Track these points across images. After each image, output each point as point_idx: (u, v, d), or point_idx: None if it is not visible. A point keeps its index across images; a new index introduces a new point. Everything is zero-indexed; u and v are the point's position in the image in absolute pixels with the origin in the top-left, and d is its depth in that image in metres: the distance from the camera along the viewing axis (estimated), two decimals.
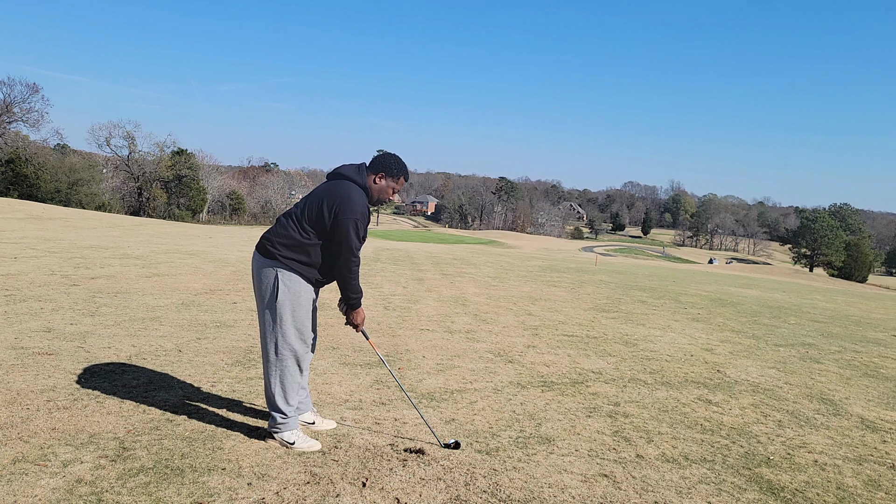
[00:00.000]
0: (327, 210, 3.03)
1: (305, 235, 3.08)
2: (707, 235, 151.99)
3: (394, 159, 3.26)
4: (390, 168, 3.24)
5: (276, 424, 3.14)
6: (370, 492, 2.72)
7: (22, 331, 5.04)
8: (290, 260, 3.08)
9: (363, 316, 3.32)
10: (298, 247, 3.08)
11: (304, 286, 3.12)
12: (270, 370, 3.15)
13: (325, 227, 3.05)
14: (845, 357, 6.71)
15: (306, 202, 3.13)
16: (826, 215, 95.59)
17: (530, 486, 2.90)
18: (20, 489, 2.50)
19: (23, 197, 44.08)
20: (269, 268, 3.08)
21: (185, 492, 2.59)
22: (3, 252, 10.37)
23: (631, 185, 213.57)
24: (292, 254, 3.08)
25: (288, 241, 3.08)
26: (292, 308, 3.10)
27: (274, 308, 3.08)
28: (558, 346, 6.10)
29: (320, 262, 3.13)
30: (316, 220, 3.06)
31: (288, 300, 3.09)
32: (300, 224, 3.08)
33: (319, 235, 3.08)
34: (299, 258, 3.09)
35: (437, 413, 3.82)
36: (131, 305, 6.49)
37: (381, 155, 3.27)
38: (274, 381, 3.14)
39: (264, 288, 3.10)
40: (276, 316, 3.09)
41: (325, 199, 3.06)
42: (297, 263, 3.09)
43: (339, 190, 3.08)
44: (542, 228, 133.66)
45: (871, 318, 11.17)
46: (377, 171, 3.23)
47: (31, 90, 51.97)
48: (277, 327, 3.10)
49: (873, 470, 3.45)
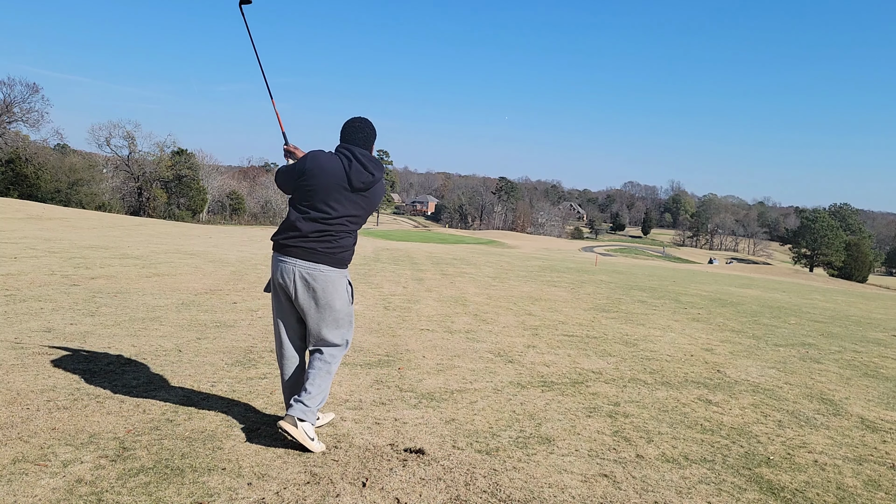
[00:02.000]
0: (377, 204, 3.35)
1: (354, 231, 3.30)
2: (707, 235, 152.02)
3: (370, 126, 3.32)
4: (375, 134, 3.38)
5: (309, 413, 3.09)
6: (370, 492, 2.72)
7: (22, 331, 5.04)
8: (349, 257, 3.29)
9: None
10: (354, 244, 3.32)
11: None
12: (337, 365, 3.27)
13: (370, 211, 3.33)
14: (845, 357, 6.71)
15: (362, 202, 3.23)
16: (826, 215, 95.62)
17: (530, 486, 2.90)
18: (20, 489, 2.50)
19: (23, 197, 44.09)
20: (341, 277, 3.22)
21: (185, 492, 2.59)
22: (3, 252, 10.37)
23: (631, 185, 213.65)
24: (351, 252, 3.31)
25: (350, 243, 3.26)
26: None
27: (346, 310, 3.25)
28: (558, 346, 6.11)
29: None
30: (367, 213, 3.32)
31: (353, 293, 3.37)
32: (357, 225, 3.28)
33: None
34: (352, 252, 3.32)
35: (437, 413, 3.82)
36: (131, 305, 6.49)
37: (362, 127, 3.29)
38: (330, 377, 3.24)
39: (332, 295, 3.18)
40: (349, 316, 3.29)
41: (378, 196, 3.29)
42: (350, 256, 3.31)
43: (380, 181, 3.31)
44: (542, 228, 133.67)
45: (871, 318, 11.17)
46: (375, 140, 3.39)
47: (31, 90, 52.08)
48: (350, 325, 3.30)
49: (873, 470, 3.45)
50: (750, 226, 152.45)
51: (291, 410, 3.05)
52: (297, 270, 3.11)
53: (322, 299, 3.15)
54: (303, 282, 3.12)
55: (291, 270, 3.12)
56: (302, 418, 3.03)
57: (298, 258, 3.11)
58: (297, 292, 3.13)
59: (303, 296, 3.13)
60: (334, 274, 3.15)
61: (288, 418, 3.02)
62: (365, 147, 3.25)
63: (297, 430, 3.00)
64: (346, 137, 3.25)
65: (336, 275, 3.16)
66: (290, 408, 3.07)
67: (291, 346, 3.31)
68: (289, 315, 3.25)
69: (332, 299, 3.16)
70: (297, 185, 3.15)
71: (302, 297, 3.14)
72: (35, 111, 51.88)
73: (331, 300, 3.16)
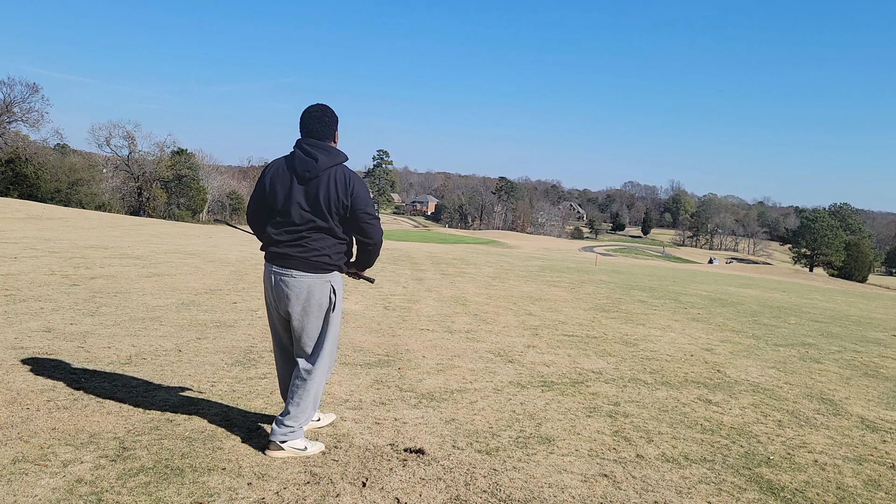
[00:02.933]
0: (344, 195, 2.97)
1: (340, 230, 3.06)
2: (707, 235, 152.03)
3: (328, 112, 3.08)
4: (337, 118, 3.14)
5: (294, 433, 3.03)
6: (370, 492, 2.72)
7: (22, 331, 5.04)
8: (339, 259, 3.08)
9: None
10: (341, 244, 3.08)
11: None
12: (318, 381, 3.10)
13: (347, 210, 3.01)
14: (845, 357, 6.71)
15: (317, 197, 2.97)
16: (826, 215, 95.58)
17: (530, 486, 2.90)
18: (20, 489, 2.50)
19: (23, 197, 44.08)
20: (321, 283, 3.03)
21: (185, 492, 2.59)
22: (3, 252, 10.37)
23: (631, 185, 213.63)
24: (338, 255, 3.08)
25: (328, 245, 3.04)
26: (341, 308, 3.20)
27: (331, 317, 3.10)
28: (558, 345, 6.11)
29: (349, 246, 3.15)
30: (338, 210, 2.99)
31: (341, 302, 3.17)
32: (328, 222, 3.02)
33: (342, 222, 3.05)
34: (345, 254, 3.12)
35: (437, 413, 3.82)
36: (131, 305, 6.50)
37: (320, 116, 3.04)
38: (317, 391, 3.12)
39: (316, 303, 3.03)
40: (334, 323, 3.13)
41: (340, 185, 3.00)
42: (342, 259, 3.11)
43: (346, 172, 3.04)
44: (542, 228, 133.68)
45: (871, 318, 11.17)
46: (336, 128, 3.14)
47: (31, 90, 51.96)
48: (335, 333, 3.15)
49: (873, 470, 3.45)
50: (750, 226, 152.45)
51: (273, 435, 3.02)
52: (274, 276, 3.03)
53: (298, 306, 3.01)
54: (279, 288, 3.02)
55: (270, 276, 3.05)
56: (284, 440, 3.01)
57: (275, 264, 3.03)
58: (277, 298, 3.05)
59: (282, 302, 3.03)
60: (310, 279, 2.99)
61: (272, 445, 3.01)
62: (325, 136, 3.04)
63: (284, 452, 3.01)
64: (303, 129, 3.05)
65: (313, 280, 2.99)
66: (272, 431, 3.04)
67: (282, 348, 3.27)
68: (277, 320, 3.19)
69: (309, 306, 3.02)
70: (262, 198, 3.06)
71: (281, 303, 3.04)
72: (35, 111, 51.87)
73: (307, 307, 3.02)
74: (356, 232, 3.06)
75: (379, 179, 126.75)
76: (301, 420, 3.04)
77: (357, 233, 3.06)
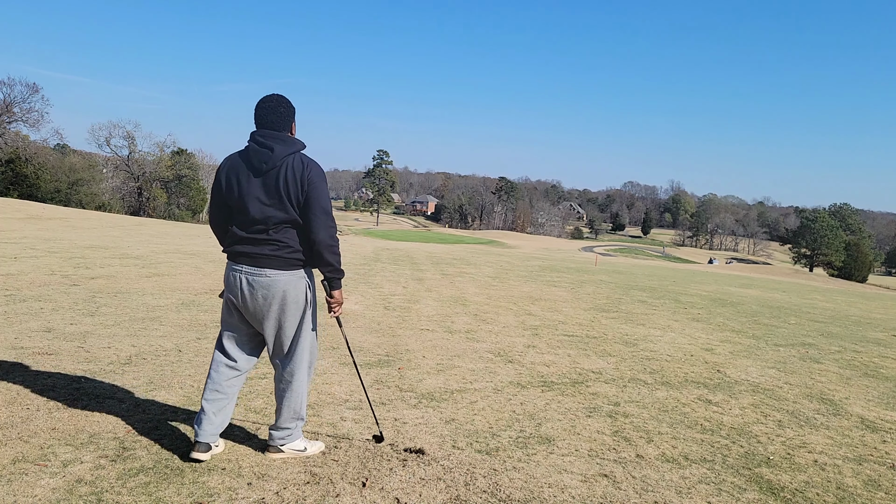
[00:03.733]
0: (302, 181, 2.80)
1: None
2: (707, 235, 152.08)
3: (284, 103, 2.92)
4: (294, 109, 2.99)
5: (291, 435, 3.01)
6: (370, 492, 2.72)
7: (22, 331, 5.03)
8: (301, 257, 2.91)
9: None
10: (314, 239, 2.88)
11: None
12: (302, 381, 3.00)
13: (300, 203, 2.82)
14: (845, 357, 6.71)
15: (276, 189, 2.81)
16: (826, 215, 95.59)
17: (530, 486, 2.90)
18: (20, 489, 2.50)
19: (23, 197, 44.05)
20: (296, 280, 2.88)
21: (185, 492, 2.59)
22: (3, 252, 10.37)
23: (631, 185, 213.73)
24: (307, 250, 2.91)
25: (300, 240, 2.88)
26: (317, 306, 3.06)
27: (308, 314, 2.97)
28: (558, 346, 6.10)
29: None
30: (297, 199, 2.81)
31: (315, 300, 3.03)
32: (292, 215, 2.84)
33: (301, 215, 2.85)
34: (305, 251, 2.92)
35: (437, 413, 3.82)
36: (131, 305, 6.49)
37: (275, 107, 2.87)
38: (303, 390, 3.02)
39: (293, 301, 2.89)
40: (311, 323, 2.99)
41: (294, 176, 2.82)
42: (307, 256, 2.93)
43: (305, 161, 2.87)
44: (542, 228, 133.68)
45: (871, 318, 11.17)
46: (293, 118, 2.98)
47: (31, 90, 51.90)
48: (311, 333, 3.01)
49: (873, 470, 3.45)
50: (750, 226, 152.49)
51: (272, 440, 3.00)
52: (245, 277, 2.85)
53: (275, 306, 2.86)
54: (251, 289, 2.85)
55: (239, 278, 2.86)
56: (284, 443, 2.99)
57: (245, 264, 2.85)
58: (249, 300, 2.86)
59: (251, 303, 2.86)
60: (285, 278, 2.84)
61: (271, 448, 3.00)
62: (281, 127, 2.87)
63: (284, 454, 2.99)
64: (258, 121, 2.87)
65: (288, 278, 2.85)
66: (270, 436, 3.00)
67: (237, 358, 3.00)
68: (239, 325, 2.98)
69: (286, 306, 2.87)
70: (220, 197, 2.90)
71: (250, 304, 2.86)
72: (35, 111, 51.82)
73: (283, 307, 2.87)
74: (306, 224, 2.82)
75: (379, 179, 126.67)
76: (293, 422, 3.00)
77: (307, 225, 2.82)
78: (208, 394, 2.95)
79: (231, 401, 3.01)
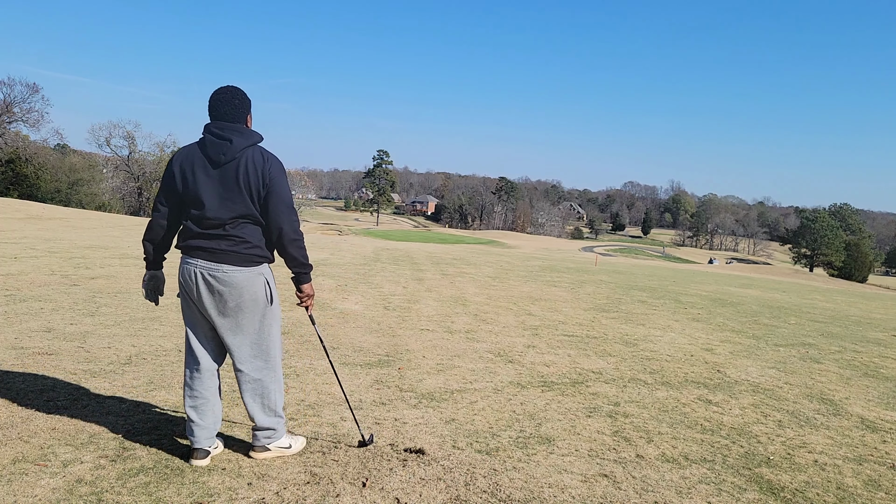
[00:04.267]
0: (264, 175, 2.73)
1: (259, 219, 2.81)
2: (707, 235, 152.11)
3: (239, 94, 2.84)
4: (250, 101, 2.92)
5: (276, 433, 2.96)
6: (370, 492, 2.72)
7: (22, 331, 5.04)
8: (268, 250, 2.85)
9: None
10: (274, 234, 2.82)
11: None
12: (272, 378, 2.93)
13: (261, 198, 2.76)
14: (845, 357, 6.71)
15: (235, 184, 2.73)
16: (826, 215, 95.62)
17: (530, 486, 2.90)
18: (20, 489, 2.50)
19: (23, 197, 44.04)
20: (254, 276, 2.79)
21: (185, 492, 2.59)
22: (3, 252, 10.37)
23: (631, 185, 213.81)
24: (266, 245, 2.85)
25: (259, 235, 2.81)
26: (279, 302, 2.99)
27: (268, 312, 2.87)
28: (558, 346, 6.10)
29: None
30: (258, 194, 2.75)
31: (277, 294, 2.95)
32: (251, 209, 2.77)
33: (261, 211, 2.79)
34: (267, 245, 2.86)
35: (437, 413, 3.82)
36: (131, 305, 6.50)
37: (229, 98, 2.80)
38: (276, 388, 2.95)
39: (251, 299, 2.79)
40: (272, 321, 2.90)
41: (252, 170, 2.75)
42: (268, 249, 2.86)
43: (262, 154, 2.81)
44: (542, 228, 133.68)
45: (871, 318, 11.17)
46: (249, 111, 2.90)
47: (31, 90, 51.85)
48: (277, 329, 2.93)
49: (873, 470, 3.45)
50: (750, 226, 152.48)
51: (256, 440, 2.95)
52: (200, 273, 2.74)
53: (232, 304, 2.76)
54: (208, 286, 2.74)
55: (194, 273, 2.75)
56: (270, 442, 2.95)
57: (200, 259, 2.75)
58: (205, 298, 2.76)
59: (211, 302, 2.76)
60: (243, 274, 2.75)
61: (257, 447, 2.96)
62: (237, 119, 2.80)
63: (271, 453, 2.97)
64: (212, 112, 2.79)
65: (246, 275, 2.75)
66: (254, 437, 2.96)
67: (203, 358, 2.90)
68: (200, 322, 2.87)
69: (243, 303, 2.77)
70: (171, 189, 2.79)
71: (206, 300, 2.76)
72: (35, 111, 51.78)
73: (241, 304, 2.77)
74: (268, 218, 2.76)
75: (379, 179, 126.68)
76: (275, 419, 2.95)
77: (267, 219, 2.76)
78: (189, 401, 2.89)
79: (214, 401, 2.93)
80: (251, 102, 2.91)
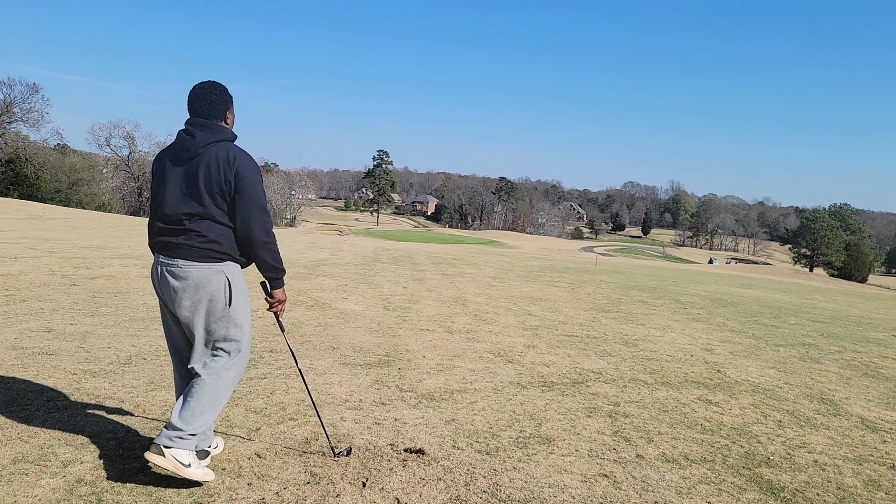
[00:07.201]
0: (227, 173, 2.65)
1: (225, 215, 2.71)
2: (707, 235, 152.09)
3: (217, 90, 2.79)
4: (230, 97, 2.85)
5: (181, 440, 2.60)
6: (370, 492, 2.72)
7: (22, 331, 5.04)
8: (233, 249, 2.74)
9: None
10: (228, 231, 2.73)
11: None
12: (213, 387, 2.70)
13: (230, 195, 2.68)
14: (845, 357, 6.71)
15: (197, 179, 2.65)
16: (826, 215, 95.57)
17: (530, 486, 2.90)
18: (20, 489, 2.50)
19: (23, 197, 44.03)
20: (214, 273, 2.69)
21: (185, 492, 2.59)
22: (3, 252, 10.36)
23: (631, 185, 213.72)
24: (229, 243, 2.73)
25: (220, 232, 2.70)
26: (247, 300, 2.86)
27: (230, 314, 2.74)
28: (558, 346, 6.10)
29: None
30: (221, 192, 2.66)
31: (242, 296, 2.81)
32: (215, 206, 2.68)
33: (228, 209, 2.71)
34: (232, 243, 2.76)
35: (437, 413, 3.82)
36: (131, 305, 6.50)
37: (207, 93, 2.75)
38: (211, 399, 2.69)
39: (207, 297, 2.68)
40: (233, 325, 2.75)
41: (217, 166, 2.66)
42: (234, 249, 2.75)
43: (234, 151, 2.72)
44: (542, 228, 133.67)
45: (871, 318, 11.17)
46: (228, 107, 2.83)
47: (32, 90, 51.87)
48: (241, 333, 2.79)
49: (873, 470, 3.45)
50: (750, 226, 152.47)
51: (158, 437, 2.60)
52: (160, 267, 2.71)
53: (187, 300, 2.67)
54: (165, 280, 2.69)
55: (156, 268, 2.73)
56: (169, 445, 2.56)
57: (161, 254, 2.71)
58: (164, 292, 2.71)
59: (168, 296, 2.70)
60: (198, 270, 2.64)
61: (153, 447, 2.58)
62: (213, 115, 2.74)
63: (164, 459, 2.54)
64: (190, 109, 2.75)
65: (201, 271, 2.65)
66: (160, 432, 2.62)
67: (176, 352, 2.88)
68: (172, 319, 2.82)
69: (199, 300, 2.67)
70: (152, 186, 2.82)
71: (168, 297, 2.70)
72: (35, 111, 51.80)
73: (196, 301, 2.67)
74: (236, 220, 2.67)
75: (379, 179, 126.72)
76: (192, 425, 2.61)
77: (237, 220, 2.67)
78: (178, 400, 2.77)
79: None
80: (232, 99, 2.85)
